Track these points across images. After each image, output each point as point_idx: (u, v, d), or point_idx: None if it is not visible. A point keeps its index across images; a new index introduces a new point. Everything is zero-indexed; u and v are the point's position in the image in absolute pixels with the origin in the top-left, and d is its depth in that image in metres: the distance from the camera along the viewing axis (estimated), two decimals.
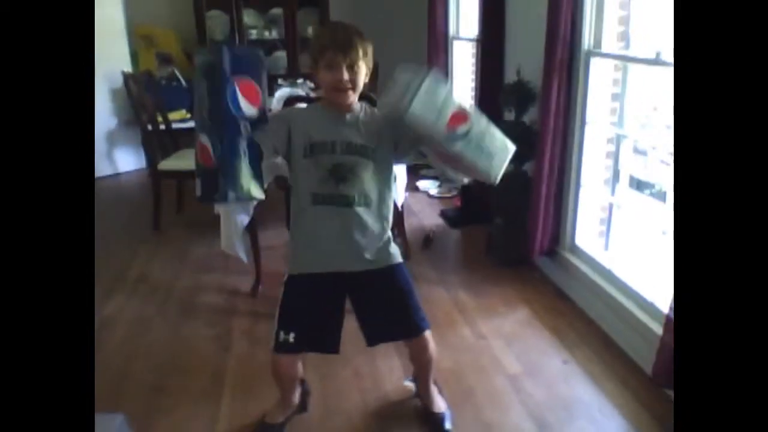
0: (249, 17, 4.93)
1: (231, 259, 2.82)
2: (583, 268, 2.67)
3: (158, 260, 3.25)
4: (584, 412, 1.98)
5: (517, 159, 2.99)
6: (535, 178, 2.76)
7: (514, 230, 3.01)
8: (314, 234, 1.67)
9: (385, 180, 1.70)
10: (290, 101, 2.65)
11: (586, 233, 2.78)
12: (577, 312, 2.59)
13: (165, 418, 2.00)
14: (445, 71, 4.48)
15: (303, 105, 2.70)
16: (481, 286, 2.84)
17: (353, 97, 1.63)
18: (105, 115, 4.71)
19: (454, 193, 4.14)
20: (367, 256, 1.70)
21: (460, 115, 1.51)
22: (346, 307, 1.77)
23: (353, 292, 1.75)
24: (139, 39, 4.84)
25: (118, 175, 4.87)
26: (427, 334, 1.78)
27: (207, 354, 2.36)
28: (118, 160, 4.88)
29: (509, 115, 3.03)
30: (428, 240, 3.35)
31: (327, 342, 1.76)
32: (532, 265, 2.96)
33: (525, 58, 2.95)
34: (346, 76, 1.57)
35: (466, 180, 1.67)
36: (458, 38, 4.41)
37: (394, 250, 1.76)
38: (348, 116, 1.66)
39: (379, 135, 1.65)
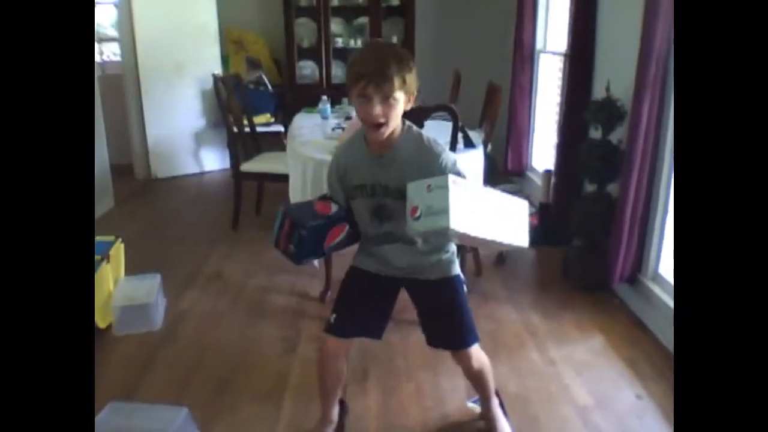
0: (336, 26, 5.01)
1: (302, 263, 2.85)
2: (666, 298, 2.52)
3: (234, 259, 3.33)
4: None
5: (600, 179, 2.91)
6: (620, 200, 2.63)
7: (593, 253, 2.89)
8: (373, 253, 1.72)
9: None
10: None
11: (672, 262, 2.62)
12: (656, 344, 2.43)
13: (228, 414, 2.04)
14: (530, 85, 4.38)
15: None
16: (554, 310, 2.74)
17: (388, 131, 1.52)
18: (194, 116, 4.92)
19: (532, 210, 4.02)
20: (418, 265, 1.71)
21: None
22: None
23: (410, 292, 1.79)
24: (230, 43, 5.02)
25: (203, 173, 5.06)
26: (471, 350, 1.74)
27: (273, 355, 2.39)
28: (204, 159, 5.07)
29: (595, 133, 2.91)
30: (501, 258, 3.26)
31: (371, 327, 1.78)
32: (610, 292, 2.82)
33: (615, 75, 2.83)
34: (378, 110, 1.45)
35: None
36: (545, 52, 4.30)
37: (448, 263, 1.74)
38: (385, 157, 1.58)
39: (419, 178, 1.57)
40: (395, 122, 1.52)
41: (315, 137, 3.08)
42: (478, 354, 1.77)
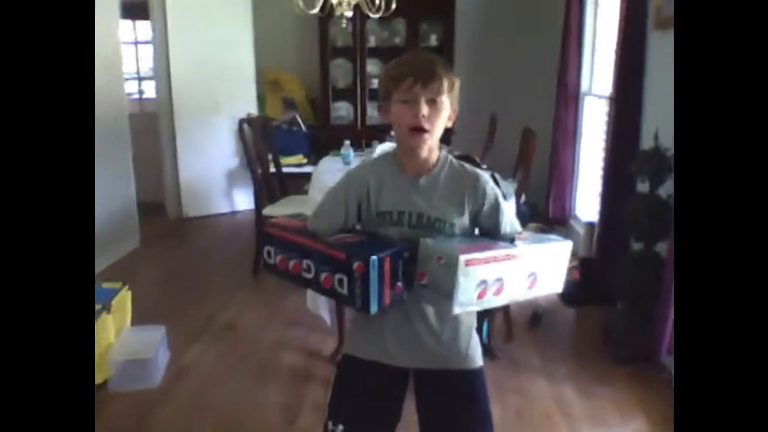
0: (372, 66, 4.89)
1: (318, 317, 2.66)
2: None
3: (250, 308, 3.17)
4: None
5: (648, 237, 2.62)
6: (670, 261, 2.33)
7: (638, 319, 2.59)
8: (374, 317, 1.36)
9: None
10: None
11: None
12: None
13: None
14: (574, 129, 4.13)
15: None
16: (591, 384, 2.42)
17: (430, 141, 1.32)
18: (227, 155, 4.86)
19: (574, 263, 3.72)
20: (434, 351, 1.39)
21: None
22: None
23: (417, 388, 1.45)
24: (266, 83, 4.98)
25: (234, 213, 4.98)
26: None
27: (271, 423, 2.19)
28: (236, 199, 4.99)
29: (642, 186, 2.64)
30: (536, 318, 2.97)
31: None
32: (656, 364, 2.48)
33: (665, 122, 2.56)
34: (425, 110, 1.28)
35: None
36: (590, 94, 4.05)
37: (472, 349, 1.43)
38: (423, 180, 1.35)
39: (459, 207, 1.35)
40: (438, 134, 1.33)
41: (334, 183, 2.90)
42: None
